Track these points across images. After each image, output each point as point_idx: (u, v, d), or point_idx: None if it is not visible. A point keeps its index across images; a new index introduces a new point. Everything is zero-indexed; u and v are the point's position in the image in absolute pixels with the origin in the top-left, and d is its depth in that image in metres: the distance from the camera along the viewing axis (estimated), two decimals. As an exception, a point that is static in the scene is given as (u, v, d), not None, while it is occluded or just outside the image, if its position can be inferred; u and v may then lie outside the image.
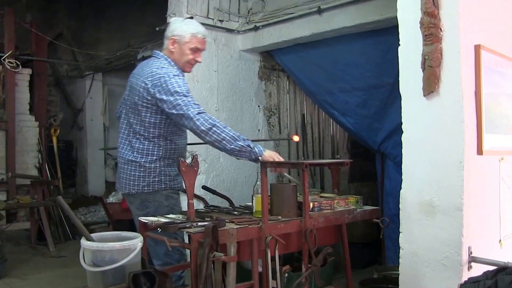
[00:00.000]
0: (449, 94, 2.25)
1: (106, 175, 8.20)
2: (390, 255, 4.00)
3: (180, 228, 2.11)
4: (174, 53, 2.82)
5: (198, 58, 2.86)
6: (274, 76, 5.21)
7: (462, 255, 2.22)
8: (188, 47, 2.79)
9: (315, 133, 5.55)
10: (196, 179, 2.33)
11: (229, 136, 2.55)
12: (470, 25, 2.26)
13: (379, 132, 4.17)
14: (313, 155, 5.53)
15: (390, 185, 4.07)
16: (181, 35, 2.78)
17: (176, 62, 2.82)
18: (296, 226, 2.47)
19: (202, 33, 2.84)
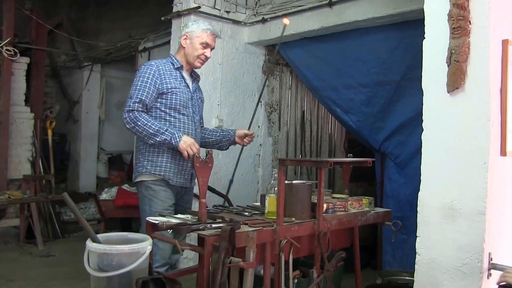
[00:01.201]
0: (475, 90, 2.13)
1: (98, 171, 8.02)
2: (387, 259, 3.90)
3: (193, 230, 1.97)
4: (185, 48, 2.99)
5: (207, 53, 3.01)
6: (278, 70, 5.08)
7: (483, 262, 2.11)
8: (198, 41, 2.96)
9: (313, 131, 5.44)
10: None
11: (149, 133, 2.74)
12: (499, 19, 2.15)
13: (381, 131, 4.07)
14: (310, 153, 5.43)
15: (391, 186, 3.97)
16: (193, 31, 2.98)
17: (187, 58, 2.99)
18: (310, 228, 2.35)
19: (212, 30, 3.02)
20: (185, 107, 2.93)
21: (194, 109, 3.01)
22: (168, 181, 2.88)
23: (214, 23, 4.42)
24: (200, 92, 3.18)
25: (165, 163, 2.91)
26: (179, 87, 2.92)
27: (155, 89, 2.83)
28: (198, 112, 3.10)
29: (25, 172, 5.89)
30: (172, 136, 2.72)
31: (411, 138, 3.76)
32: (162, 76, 2.88)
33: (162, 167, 2.90)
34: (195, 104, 3.04)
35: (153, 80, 2.83)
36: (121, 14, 7.02)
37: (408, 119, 3.78)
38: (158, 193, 2.91)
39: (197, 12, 4.25)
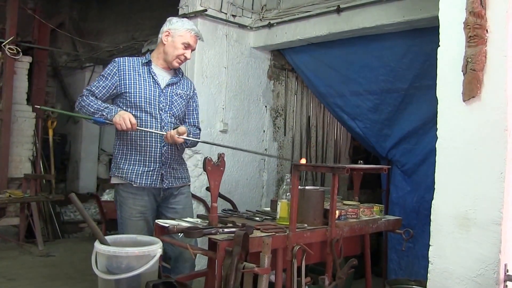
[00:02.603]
0: (492, 99, 2.11)
1: (99, 172, 7.96)
2: (393, 267, 3.87)
3: (205, 234, 1.94)
4: (166, 45, 2.90)
5: (187, 54, 2.92)
6: (283, 76, 5.07)
7: (499, 273, 2.08)
8: (180, 41, 2.87)
9: (319, 137, 5.45)
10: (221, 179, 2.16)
11: (90, 112, 2.73)
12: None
13: (388, 139, 4.06)
14: (316, 159, 5.43)
15: (397, 194, 3.95)
16: (176, 29, 2.89)
17: (165, 56, 2.90)
18: (322, 235, 2.33)
19: (196, 31, 2.94)
20: (150, 104, 2.82)
21: (163, 106, 2.86)
22: (131, 183, 2.83)
23: (220, 27, 4.42)
24: (182, 87, 3.01)
25: (128, 164, 2.86)
26: (143, 84, 2.83)
27: (112, 85, 2.81)
28: (170, 109, 2.90)
29: (26, 171, 5.86)
30: (109, 112, 2.69)
31: (418, 146, 3.75)
32: (122, 73, 2.83)
33: (125, 169, 2.86)
34: (167, 100, 2.89)
35: (110, 76, 2.82)
36: (124, 15, 6.99)
37: (416, 127, 3.77)
38: (126, 199, 2.88)
39: (203, 15, 4.24)
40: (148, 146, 2.84)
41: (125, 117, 2.64)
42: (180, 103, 2.96)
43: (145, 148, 2.85)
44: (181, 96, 2.98)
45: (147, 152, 2.84)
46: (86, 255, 2.37)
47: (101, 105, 2.73)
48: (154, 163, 2.84)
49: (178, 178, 2.95)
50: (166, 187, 2.89)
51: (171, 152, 2.89)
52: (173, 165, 2.92)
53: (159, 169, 2.85)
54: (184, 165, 3.09)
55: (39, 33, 6.21)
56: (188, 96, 3.04)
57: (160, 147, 2.85)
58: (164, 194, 2.93)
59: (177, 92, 2.96)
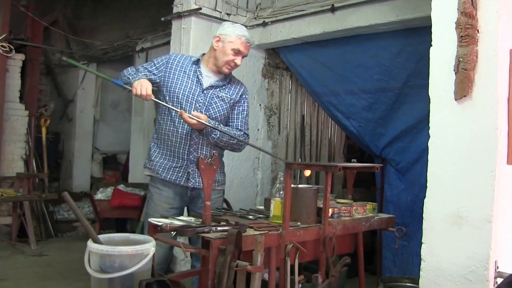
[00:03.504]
0: (483, 99, 2.14)
1: (92, 170, 7.94)
2: (387, 265, 3.89)
3: (198, 233, 1.94)
4: (216, 51, 2.90)
5: (237, 61, 2.91)
6: (278, 74, 5.07)
7: (489, 270, 2.11)
8: (230, 47, 2.85)
9: (313, 135, 5.42)
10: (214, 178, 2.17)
11: (125, 75, 2.86)
12: (507, 27, 2.15)
13: (382, 137, 4.08)
14: (310, 157, 5.42)
15: (391, 192, 3.97)
16: (227, 34, 2.87)
17: (215, 61, 2.90)
18: (315, 233, 2.34)
19: (247, 37, 2.91)
20: (187, 101, 2.86)
21: (199, 106, 2.88)
22: (158, 176, 2.88)
23: (215, 25, 4.40)
24: (228, 91, 2.98)
25: (158, 158, 2.94)
26: (185, 82, 2.88)
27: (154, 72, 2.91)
28: (207, 110, 2.89)
29: (18, 170, 5.81)
30: (134, 78, 2.79)
31: (412, 145, 3.78)
32: (169, 68, 2.91)
33: (155, 162, 2.94)
34: (205, 101, 2.89)
35: (158, 64, 2.93)
36: (118, 13, 6.97)
37: (409, 126, 3.79)
38: (152, 195, 2.96)
39: (198, 14, 4.23)
40: (178, 142, 2.88)
41: (143, 84, 2.70)
42: (220, 105, 2.93)
43: (175, 144, 2.89)
44: (223, 99, 2.95)
45: (175, 148, 2.89)
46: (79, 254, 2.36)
47: (134, 72, 2.85)
48: (182, 159, 2.87)
49: (193, 177, 2.91)
50: (192, 186, 2.89)
51: (201, 151, 2.88)
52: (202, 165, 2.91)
53: (186, 166, 2.87)
54: (220, 168, 3.02)
55: (32, 31, 6.16)
56: (233, 101, 2.99)
57: (189, 144, 2.87)
58: (192, 194, 2.93)
59: (220, 95, 2.94)
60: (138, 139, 6.34)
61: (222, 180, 3.07)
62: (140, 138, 6.29)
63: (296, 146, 5.31)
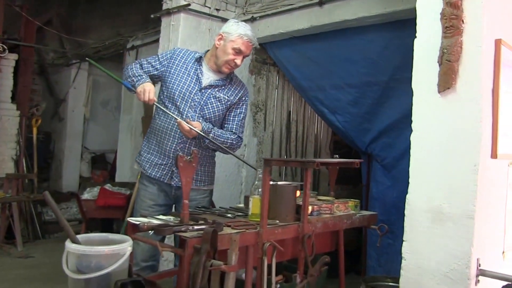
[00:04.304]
0: (467, 91, 2.07)
1: (81, 170, 7.88)
2: (372, 264, 3.79)
3: (174, 232, 1.88)
4: (218, 49, 2.83)
5: (238, 61, 2.83)
6: (265, 70, 4.99)
7: (471, 268, 2.04)
8: (231, 46, 2.77)
9: (299, 132, 5.33)
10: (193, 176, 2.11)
11: (128, 75, 2.80)
12: (492, 18, 2.09)
13: (368, 133, 3.99)
14: (295, 154, 5.34)
15: (377, 189, 3.88)
16: (229, 33, 2.80)
17: (216, 59, 2.83)
18: (294, 231, 2.27)
19: (249, 37, 2.81)
20: (183, 99, 2.80)
21: (194, 105, 2.81)
22: (144, 172, 2.85)
23: (204, 21, 4.35)
24: (227, 92, 2.90)
25: (147, 153, 2.92)
26: (184, 79, 2.83)
27: (156, 68, 2.88)
28: (202, 110, 2.83)
29: (8, 171, 5.75)
30: (138, 80, 2.74)
31: (398, 140, 3.68)
32: (172, 63, 2.87)
33: (143, 157, 2.93)
34: (201, 100, 2.82)
35: (161, 59, 2.90)
36: (110, 11, 6.90)
37: (395, 121, 3.70)
38: (140, 190, 2.93)
39: (187, 10, 4.17)
40: (166, 139, 2.85)
41: (146, 89, 2.67)
42: (216, 106, 2.86)
43: (162, 140, 2.86)
44: (220, 100, 2.88)
45: (162, 144, 2.85)
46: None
47: (138, 72, 2.79)
48: (168, 157, 2.83)
49: (194, 179, 2.79)
50: (175, 185, 2.84)
51: (188, 150, 2.81)
52: None
53: (171, 165, 2.82)
54: (208, 168, 2.98)
55: (26, 31, 6.07)
56: (230, 102, 2.91)
57: (176, 143, 2.82)
58: (176, 193, 2.87)
59: (217, 95, 2.87)
60: (126, 137, 6.29)
61: (209, 180, 3.01)
62: (128, 137, 6.24)
63: (282, 142, 5.23)
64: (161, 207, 2.87)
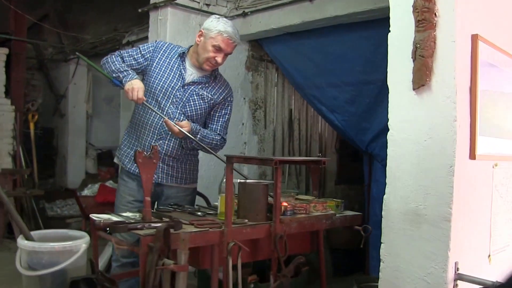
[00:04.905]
0: (442, 88, 1.99)
1: (87, 166, 7.86)
2: (374, 265, 3.69)
3: (130, 229, 1.83)
4: (198, 46, 2.75)
5: (218, 59, 2.72)
6: (262, 67, 4.94)
7: (448, 272, 1.96)
8: (211, 43, 2.68)
9: (302, 130, 5.30)
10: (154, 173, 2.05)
11: (111, 69, 2.69)
12: (468, 11, 2.00)
13: (367, 132, 3.93)
14: (299, 153, 5.29)
15: (377, 189, 3.80)
16: (209, 29, 2.71)
17: (197, 56, 2.76)
18: (265, 231, 2.21)
19: (230, 34, 2.71)
20: (164, 95, 2.74)
21: (176, 101, 2.75)
22: (124, 167, 2.80)
23: (193, 16, 4.29)
24: (210, 90, 2.83)
25: (127, 147, 2.87)
26: (167, 74, 2.76)
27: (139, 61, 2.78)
28: (184, 107, 2.76)
29: (6, 166, 5.74)
30: (125, 76, 2.64)
31: (398, 140, 3.61)
32: (154, 56, 2.79)
33: (122, 151, 2.88)
34: (183, 97, 2.76)
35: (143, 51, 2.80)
36: (106, 6, 6.84)
37: (394, 120, 3.63)
38: (119, 185, 2.87)
39: (174, 4, 4.11)
40: (145, 134, 2.79)
41: (134, 87, 2.58)
42: (198, 104, 2.80)
43: (142, 135, 2.80)
44: (203, 98, 2.81)
45: (142, 139, 2.80)
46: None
47: (122, 67, 2.68)
48: (146, 152, 2.74)
49: (172, 176, 2.82)
50: (154, 181, 2.76)
51: (166, 147, 2.77)
52: (168, 162, 2.80)
53: None
54: (190, 166, 2.92)
55: (16, 25, 6.03)
56: (213, 101, 2.85)
57: (155, 139, 2.76)
58: (156, 190, 2.81)
59: (200, 93, 2.80)
60: (127, 134, 6.24)
61: (191, 178, 2.95)
62: (129, 134, 6.19)
63: (284, 141, 5.21)
64: (141, 203, 2.80)
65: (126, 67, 2.71)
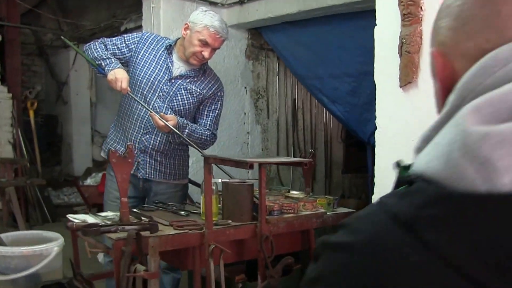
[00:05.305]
0: (429, 85, 1.87)
1: (94, 154, 7.83)
2: None
3: (102, 232, 1.79)
4: (185, 39, 2.65)
5: (205, 53, 2.61)
6: (263, 56, 4.84)
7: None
8: (197, 37, 2.58)
9: (306, 120, 5.22)
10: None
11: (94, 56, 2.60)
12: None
13: (368, 123, 3.83)
14: (304, 143, 5.22)
15: (380, 181, 3.75)
16: (195, 23, 2.60)
17: (183, 50, 2.66)
18: (250, 232, 2.16)
19: (216, 28, 2.58)
20: (150, 88, 2.67)
21: (162, 95, 2.67)
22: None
23: (188, 4, 4.19)
24: (199, 84, 2.74)
25: (113, 141, 2.82)
26: (153, 66, 2.68)
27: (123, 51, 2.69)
28: (171, 101, 2.69)
29: (6, 155, 5.76)
30: (107, 64, 2.54)
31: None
32: (139, 48, 2.69)
33: (109, 145, 2.82)
34: (170, 91, 2.68)
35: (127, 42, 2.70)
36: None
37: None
38: (107, 180, 2.82)
39: (167, -8, 4.01)
40: (132, 129, 2.72)
41: (118, 77, 2.49)
42: (186, 98, 2.72)
43: (128, 129, 2.74)
44: (192, 92, 2.72)
45: (128, 134, 2.73)
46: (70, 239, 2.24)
47: (105, 54, 2.58)
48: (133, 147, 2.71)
49: (161, 172, 2.76)
50: (142, 177, 2.74)
51: (154, 142, 2.71)
52: (156, 157, 2.74)
53: (137, 156, 2.67)
54: (179, 161, 2.85)
55: (8, 11, 5.90)
56: (202, 96, 2.76)
57: (142, 133, 2.70)
58: (144, 186, 2.77)
59: (188, 87, 2.71)
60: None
61: (181, 174, 2.88)
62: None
63: (288, 131, 5.14)
64: (130, 199, 2.75)
65: (109, 55, 2.62)
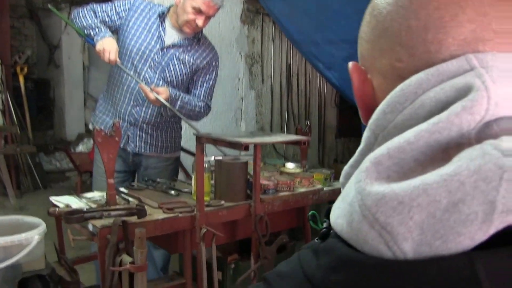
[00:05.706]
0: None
1: (87, 118, 7.67)
2: None
3: (86, 219, 1.66)
4: (178, 6, 2.52)
5: (199, 21, 2.47)
6: (259, 20, 4.66)
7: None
8: (190, 5, 2.44)
9: (301, 85, 5.21)
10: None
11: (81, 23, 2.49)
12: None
13: (364, 92, 3.72)
14: (298, 108, 5.20)
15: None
16: None
17: (177, 17, 2.54)
18: (244, 212, 2.06)
19: None
20: (141, 57, 2.53)
21: (154, 65, 2.55)
22: None
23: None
24: (192, 54, 2.62)
25: (102, 113, 2.72)
26: (144, 35, 2.53)
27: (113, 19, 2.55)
28: (163, 71, 2.58)
29: (-4, 122, 5.61)
30: (96, 34, 2.43)
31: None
32: (130, 15, 2.55)
33: (98, 117, 2.73)
34: (162, 61, 2.57)
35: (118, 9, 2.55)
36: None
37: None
38: (96, 154, 2.71)
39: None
40: (121, 101, 2.61)
41: (106, 48, 2.38)
42: (178, 69, 2.61)
43: (117, 101, 2.63)
44: (184, 62, 2.61)
45: (117, 106, 2.63)
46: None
47: (94, 23, 2.46)
48: (123, 120, 2.60)
49: (151, 145, 2.66)
50: (131, 151, 2.64)
51: (144, 114, 2.60)
52: (147, 129, 2.64)
53: (126, 128, 2.60)
54: (171, 134, 2.74)
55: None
56: (196, 66, 2.65)
57: (132, 105, 2.59)
58: (134, 160, 2.68)
59: (181, 57, 2.60)
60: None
61: (172, 147, 2.77)
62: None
63: (282, 96, 5.10)
64: (120, 174, 2.65)
65: (98, 23, 2.48)
